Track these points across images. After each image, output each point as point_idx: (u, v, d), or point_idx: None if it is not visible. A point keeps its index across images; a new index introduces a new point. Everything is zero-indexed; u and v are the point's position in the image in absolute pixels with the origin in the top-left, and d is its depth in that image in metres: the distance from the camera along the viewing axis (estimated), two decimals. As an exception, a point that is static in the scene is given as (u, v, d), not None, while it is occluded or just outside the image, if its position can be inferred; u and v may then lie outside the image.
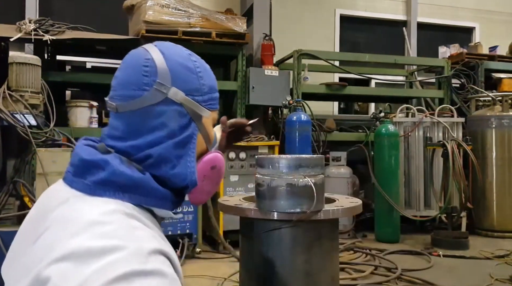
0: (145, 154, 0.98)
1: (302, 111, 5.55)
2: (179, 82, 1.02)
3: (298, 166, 1.71)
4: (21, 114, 4.12)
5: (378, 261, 4.55)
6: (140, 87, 0.99)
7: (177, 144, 1.01)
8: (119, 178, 0.92)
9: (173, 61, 1.03)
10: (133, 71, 1.01)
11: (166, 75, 1.00)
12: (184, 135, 1.02)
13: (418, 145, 6.00)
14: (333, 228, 1.86)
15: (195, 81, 1.06)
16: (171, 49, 1.06)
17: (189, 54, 1.10)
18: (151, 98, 0.99)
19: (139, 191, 0.94)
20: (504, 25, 9.39)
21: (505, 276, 4.00)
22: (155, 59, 1.01)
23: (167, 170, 0.99)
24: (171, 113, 1.00)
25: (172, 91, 1.00)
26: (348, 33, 8.68)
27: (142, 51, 1.04)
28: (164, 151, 0.99)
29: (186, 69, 1.05)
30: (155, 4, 5.32)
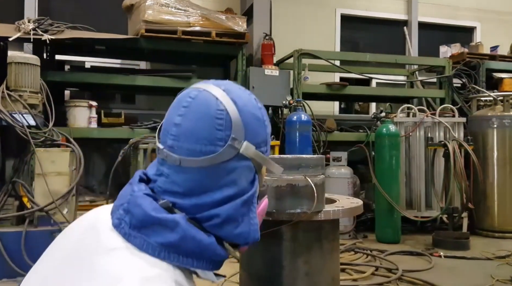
0: (210, 213, 0.90)
1: (303, 111, 5.53)
2: (251, 136, 0.94)
3: (298, 166, 1.70)
4: (20, 114, 4.11)
5: (379, 261, 4.53)
6: (213, 142, 0.90)
7: (245, 202, 0.93)
8: (188, 243, 0.86)
9: (246, 113, 0.94)
10: (205, 123, 0.90)
11: (240, 129, 0.92)
12: (252, 191, 0.95)
13: (419, 145, 5.98)
14: (333, 229, 1.84)
15: (263, 133, 0.98)
16: (242, 98, 0.96)
17: (255, 99, 1.00)
18: (224, 155, 0.90)
19: (203, 257, 0.89)
20: (505, 25, 9.38)
21: (506, 277, 3.99)
22: (229, 111, 0.91)
23: (231, 229, 0.93)
24: (241, 169, 0.93)
25: (244, 146, 0.92)
26: (348, 32, 8.66)
27: (212, 100, 0.92)
28: (232, 211, 0.91)
29: (257, 119, 0.96)
30: (154, 4, 5.31)
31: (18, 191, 4.21)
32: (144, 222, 0.87)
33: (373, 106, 8.65)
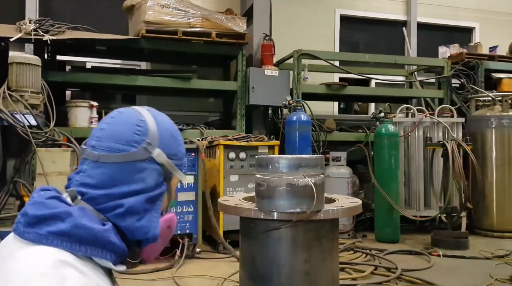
0: (116, 203, 1.03)
1: (302, 111, 5.55)
2: (164, 146, 1.12)
3: (298, 166, 1.71)
4: (21, 114, 4.13)
5: (378, 261, 4.55)
6: (130, 143, 1.07)
7: (149, 199, 1.07)
8: (79, 230, 0.95)
9: (162, 127, 1.14)
10: (125, 128, 1.09)
11: (155, 137, 1.11)
12: (157, 192, 1.10)
13: (418, 145, 6.00)
14: (333, 228, 1.86)
15: (175, 148, 1.17)
16: (162, 116, 1.19)
17: (173, 124, 1.22)
18: (137, 155, 1.07)
19: (96, 244, 0.97)
20: (504, 25, 9.39)
21: (505, 276, 4.00)
22: (147, 122, 1.11)
23: (132, 221, 1.04)
24: (151, 171, 1.09)
25: (156, 152, 1.10)
26: (348, 33, 8.68)
27: (135, 112, 1.14)
28: (136, 203, 1.05)
29: (171, 136, 1.17)
30: (155, 4, 5.32)
31: (19, 191, 4.23)
32: (38, 218, 0.96)
33: (372, 107, 8.66)
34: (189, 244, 4.65)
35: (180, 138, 1.21)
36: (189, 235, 4.72)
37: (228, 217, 4.75)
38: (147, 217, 1.07)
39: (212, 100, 7.44)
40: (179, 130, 1.27)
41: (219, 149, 4.92)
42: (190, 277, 4.05)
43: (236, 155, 5.01)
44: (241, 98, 5.96)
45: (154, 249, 1.13)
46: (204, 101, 7.34)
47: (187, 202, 4.74)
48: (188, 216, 4.74)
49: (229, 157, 4.98)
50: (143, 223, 1.06)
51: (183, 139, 1.26)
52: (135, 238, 1.06)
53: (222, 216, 4.82)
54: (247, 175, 5.01)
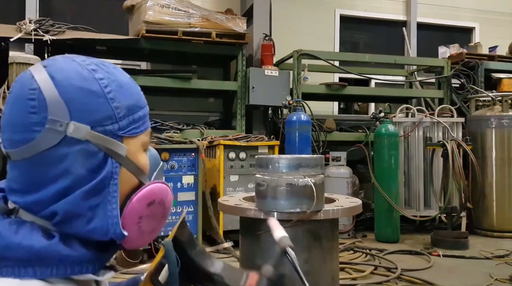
0: (49, 211, 0.78)
1: (302, 111, 5.56)
2: (81, 114, 0.78)
3: (298, 166, 1.72)
4: (21, 115, 4.12)
5: (378, 261, 4.55)
6: (29, 128, 0.77)
7: (88, 192, 0.79)
8: (14, 251, 0.74)
9: (68, 87, 0.78)
10: (17, 108, 0.78)
11: (61, 107, 0.77)
12: (98, 179, 0.80)
13: (418, 145, 6.01)
14: (333, 228, 1.86)
15: (104, 107, 0.81)
16: (65, 70, 0.81)
17: (92, 70, 0.83)
18: (45, 142, 0.77)
19: (45, 263, 0.75)
20: (504, 25, 9.39)
21: (505, 276, 4.00)
22: (42, 89, 0.77)
23: (80, 226, 0.79)
24: (75, 155, 0.78)
25: (71, 127, 0.77)
26: (348, 33, 8.68)
27: (27, 77, 0.80)
28: (72, 205, 0.78)
29: (89, 93, 0.80)
30: (155, 4, 5.33)
31: (19, 191, 4.22)
32: None
33: (372, 107, 8.66)
34: (189, 244, 4.65)
35: (111, 89, 0.83)
36: (189, 235, 4.72)
37: (228, 217, 4.76)
38: (99, 215, 0.80)
39: (212, 100, 7.44)
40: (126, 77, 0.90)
41: (219, 149, 4.92)
42: (190, 277, 4.04)
43: (236, 155, 5.02)
44: (241, 98, 5.96)
45: (140, 236, 0.86)
46: (204, 101, 7.34)
47: (187, 202, 4.74)
48: (188, 216, 4.75)
49: (229, 157, 4.98)
50: (95, 225, 0.79)
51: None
52: (97, 240, 0.82)
53: (222, 216, 4.82)
54: (247, 175, 5.01)
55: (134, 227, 0.84)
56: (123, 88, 0.86)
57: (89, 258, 0.80)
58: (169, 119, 5.71)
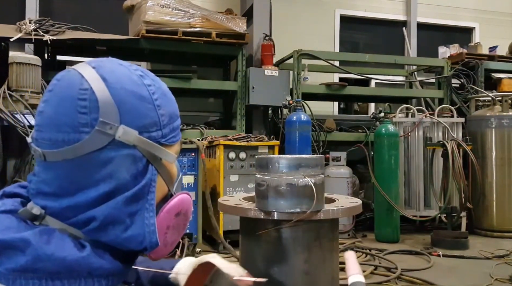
0: (86, 216, 0.75)
1: (302, 111, 5.56)
2: (131, 118, 0.77)
3: (298, 166, 1.72)
4: (21, 114, 4.13)
5: (378, 261, 4.55)
6: (77, 129, 0.75)
7: (131, 199, 0.77)
8: (46, 263, 0.70)
9: (120, 90, 0.77)
10: (66, 107, 0.76)
11: (112, 109, 0.76)
12: (140, 186, 0.78)
13: (418, 145, 6.01)
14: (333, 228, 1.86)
15: (151, 113, 0.80)
16: (116, 73, 0.80)
17: (140, 75, 0.82)
18: (92, 143, 0.75)
19: (73, 275, 0.72)
20: (504, 25, 9.40)
21: (505, 276, 4.00)
22: (95, 89, 0.76)
23: (117, 233, 0.76)
24: (121, 160, 0.76)
25: (120, 131, 0.76)
26: (348, 33, 8.69)
27: (76, 77, 0.78)
28: (113, 211, 0.75)
29: (139, 98, 0.79)
30: (155, 4, 5.33)
31: (19, 191, 4.22)
32: (3, 248, 0.71)
33: (372, 107, 8.67)
34: (189, 244, 4.66)
35: (157, 96, 0.83)
36: (189, 235, 4.72)
37: (228, 217, 4.76)
38: (137, 223, 0.77)
39: (212, 100, 7.44)
40: (166, 86, 0.89)
41: (219, 149, 4.92)
42: (190, 277, 4.04)
43: (236, 155, 5.02)
44: (241, 98, 5.96)
45: (164, 246, 0.86)
46: (204, 101, 7.34)
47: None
48: (188, 216, 4.74)
49: (229, 157, 4.98)
50: (132, 233, 0.77)
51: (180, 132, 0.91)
52: (130, 250, 0.79)
53: (222, 216, 4.83)
54: (247, 175, 5.01)
55: (161, 237, 0.83)
56: (166, 96, 0.86)
57: (115, 271, 0.77)
58: (169, 119, 5.70)
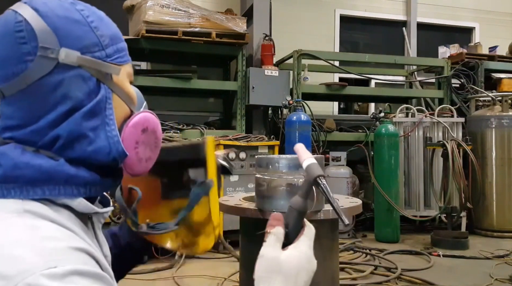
0: (51, 136, 0.81)
1: (302, 111, 5.56)
2: (69, 40, 0.82)
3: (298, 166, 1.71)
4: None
5: (378, 261, 4.55)
6: (21, 59, 0.79)
7: (88, 114, 0.83)
8: (25, 170, 0.77)
9: (53, 17, 0.81)
10: (6, 42, 0.80)
11: (49, 35, 0.80)
12: (95, 101, 0.84)
13: (418, 145, 6.01)
14: (333, 228, 1.86)
15: (89, 35, 0.85)
16: (48, 4, 0.83)
17: (71, 3, 0.86)
18: (39, 69, 0.79)
19: (52, 182, 0.78)
20: (504, 25, 9.39)
21: (505, 276, 4.00)
22: (29, 20, 0.80)
23: (84, 148, 0.82)
24: (70, 80, 0.81)
25: (63, 53, 0.80)
26: (348, 33, 8.69)
27: (10, 14, 0.82)
28: (74, 126, 0.81)
29: (73, 22, 0.83)
30: (155, 4, 5.33)
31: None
32: None
33: (372, 107, 8.66)
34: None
35: (93, 19, 0.87)
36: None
37: (228, 217, 4.75)
38: (100, 135, 0.84)
39: (212, 100, 7.44)
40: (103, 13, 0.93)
41: (219, 149, 4.92)
42: (190, 277, 4.05)
43: (236, 155, 5.02)
44: (241, 98, 5.96)
45: (139, 160, 0.91)
46: (204, 101, 7.34)
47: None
48: (188, 216, 4.74)
49: (229, 156, 4.98)
50: (97, 145, 0.83)
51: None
52: (100, 163, 0.84)
53: (222, 216, 4.82)
54: (247, 175, 5.01)
55: (132, 152, 0.89)
56: (103, 20, 0.90)
57: (94, 181, 0.83)
58: (169, 120, 5.70)
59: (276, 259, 0.85)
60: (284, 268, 0.83)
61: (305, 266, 0.86)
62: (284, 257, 0.84)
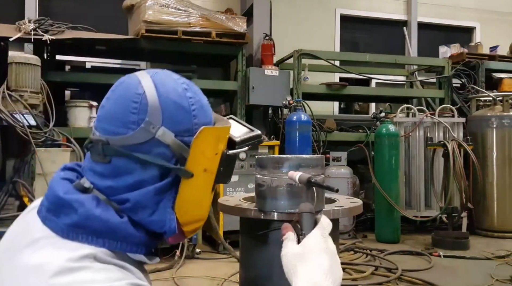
0: (122, 197, 0.92)
1: (302, 111, 5.54)
2: (170, 123, 0.93)
3: (298, 166, 1.70)
4: (20, 114, 4.12)
5: (379, 261, 4.54)
6: (126, 125, 0.91)
7: (159, 190, 0.93)
8: (93, 222, 0.87)
9: (166, 99, 0.94)
10: (121, 106, 0.93)
11: (157, 113, 0.92)
12: (167, 181, 0.94)
13: (418, 145, 5.99)
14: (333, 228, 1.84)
15: (187, 122, 0.96)
16: (167, 84, 0.96)
17: (185, 89, 0.98)
18: (136, 137, 0.91)
19: (113, 237, 0.89)
20: (504, 25, 9.39)
21: (506, 277, 4.00)
22: (147, 95, 0.92)
23: (144, 216, 0.93)
24: (156, 155, 0.92)
25: (160, 131, 0.92)
26: (348, 33, 8.68)
27: (134, 82, 0.95)
28: (143, 198, 0.92)
29: (180, 108, 0.95)
30: (155, 4, 5.31)
31: (18, 191, 4.22)
32: (55, 204, 0.89)
33: (372, 107, 8.66)
34: (189, 244, 4.64)
35: (195, 107, 0.97)
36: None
37: (228, 217, 4.74)
38: (160, 210, 0.94)
39: (212, 100, 7.43)
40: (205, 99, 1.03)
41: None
42: (190, 277, 4.04)
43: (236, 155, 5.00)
44: (241, 98, 5.95)
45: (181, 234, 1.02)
46: (204, 101, 7.32)
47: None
48: (188, 216, 4.73)
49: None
50: (156, 218, 0.93)
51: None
52: (153, 231, 0.96)
53: (222, 216, 4.81)
54: (247, 175, 5.00)
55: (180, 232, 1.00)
56: (203, 108, 1.00)
57: (145, 242, 0.94)
58: (169, 119, 5.69)
59: (293, 252, 0.96)
60: (302, 255, 0.94)
61: (322, 246, 0.95)
62: (300, 247, 0.96)
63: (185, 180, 0.95)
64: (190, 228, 1.02)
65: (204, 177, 0.99)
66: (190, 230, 1.02)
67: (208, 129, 0.97)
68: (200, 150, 0.96)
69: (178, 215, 0.97)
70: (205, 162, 0.98)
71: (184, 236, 1.03)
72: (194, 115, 0.96)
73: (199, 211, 1.02)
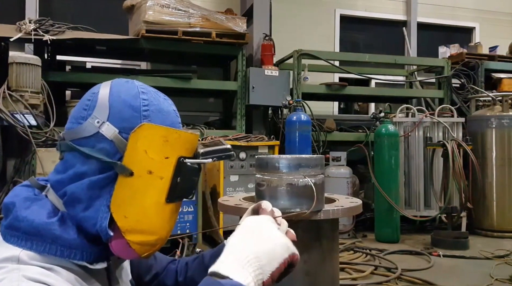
0: (63, 191, 0.93)
1: (302, 111, 5.55)
2: (116, 119, 0.94)
3: (298, 166, 1.71)
4: (21, 114, 4.13)
5: (378, 261, 4.55)
6: (77, 120, 0.96)
7: (94, 184, 0.92)
8: (21, 223, 0.87)
9: (117, 97, 0.96)
10: (78, 104, 0.99)
11: (104, 109, 0.94)
12: (105, 175, 0.92)
13: (418, 145, 6.00)
14: (333, 228, 1.85)
15: (134, 120, 0.95)
16: (122, 85, 1.00)
17: (142, 92, 0.99)
18: (83, 131, 0.94)
19: (41, 239, 0.87)
20: (504, 25, 9.39)
21: (505, 276, 4.00)
22: (99, 94, 0.97)
23: (78, 211, 0.91)
24: (99, 149, 0.93)
25: (104, 126, 0.93)
26: (348, 33, 8.68)
27: (96, 86, 1.01)
28: (77, 189, 0.91)
29: (129, 106, 0.96)
30: (155, 4, 5.32)
31: (19, 191, 4.21)
32: (4, 210, 0.92)
33: (372, 107, 8.66)
34: (189, 244, 4.65)
35: (148, 109, 0.97)
36: (189, 235, 4.72)
37: (228, 217, 4.75)
38: (95, 206, 0.91)
39: (212, 100, 7.44)
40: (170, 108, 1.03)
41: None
42: (190, 277, 4.03)
43: (236, 155, 5.01)
44: (241, 98, 5.95)
45: (125, 249, 0.94)
46: (204, 101, 7.33)
47: (187, 202, 4.74)
48: (188, 216, 4.74)
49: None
50: (89, 214, 0.91)
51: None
52: (88, 230, 0.91)
53: (222, 216, 4.82)
54: (247, 175, 5.01)
55: (123, 240, 0.93)
56: (161, 113, 1.00)
57: (77, 245, 0.90)
58: (169, 119, 5.69)
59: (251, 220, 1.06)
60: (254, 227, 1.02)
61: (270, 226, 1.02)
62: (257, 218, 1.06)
63: (123, 177, 0.92)
64: (135, 238, 0.93)
65: (150, 180, 0.94)
66: (136, 242, 0.93)
67: (149, 126, 0.94)
68: (141, 147, 0.93)
69: (116, 216, 0.92)
70: (150, 163, 0.94)
71: (131, 248, 0.94)
72: (145, 115, 0.96)
73: (144, 219, 0.94)
